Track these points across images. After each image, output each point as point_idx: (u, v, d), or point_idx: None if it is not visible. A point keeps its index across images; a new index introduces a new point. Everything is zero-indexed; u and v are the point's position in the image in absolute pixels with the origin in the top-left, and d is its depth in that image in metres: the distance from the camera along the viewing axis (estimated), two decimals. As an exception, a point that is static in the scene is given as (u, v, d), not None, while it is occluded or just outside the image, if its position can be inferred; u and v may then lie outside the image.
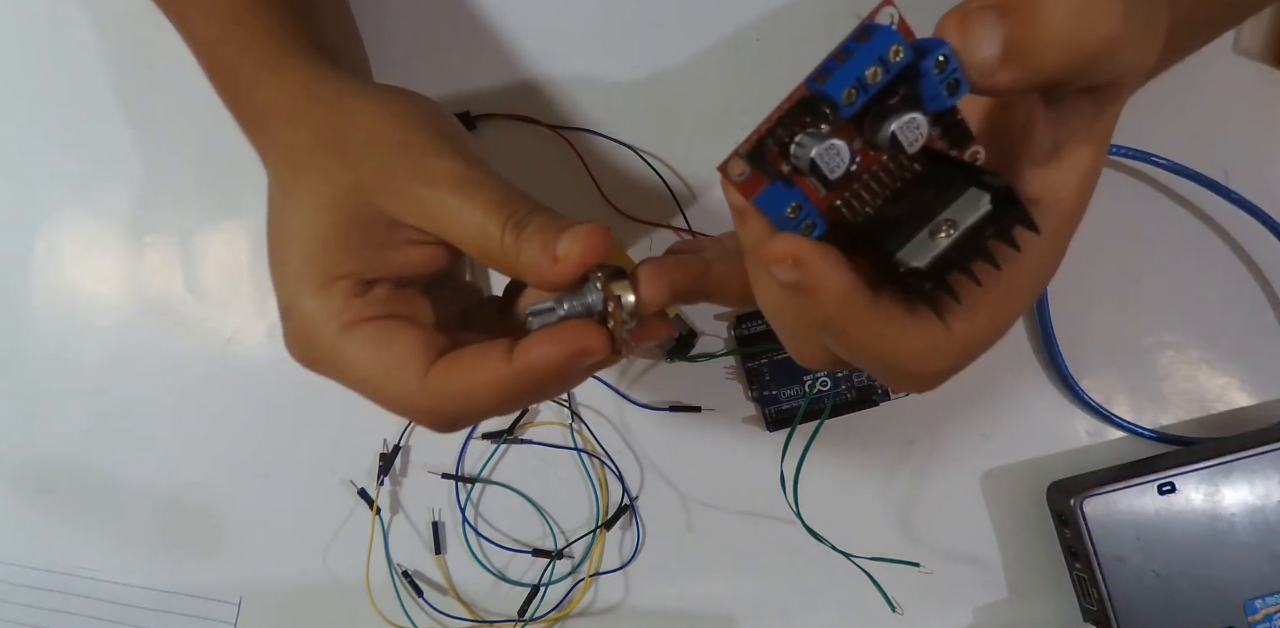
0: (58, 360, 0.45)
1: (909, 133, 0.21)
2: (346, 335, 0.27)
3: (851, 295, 0.22)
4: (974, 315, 0.24)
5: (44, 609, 0.45)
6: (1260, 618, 0.41)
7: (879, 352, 0.24)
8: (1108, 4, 0.20)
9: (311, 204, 0.28)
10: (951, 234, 0.22)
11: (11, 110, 0.46)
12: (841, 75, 0.20)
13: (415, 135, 0.29)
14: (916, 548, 0.45)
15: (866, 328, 0.23)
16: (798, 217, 0.22)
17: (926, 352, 0.24)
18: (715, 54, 0.46)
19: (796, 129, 0.22)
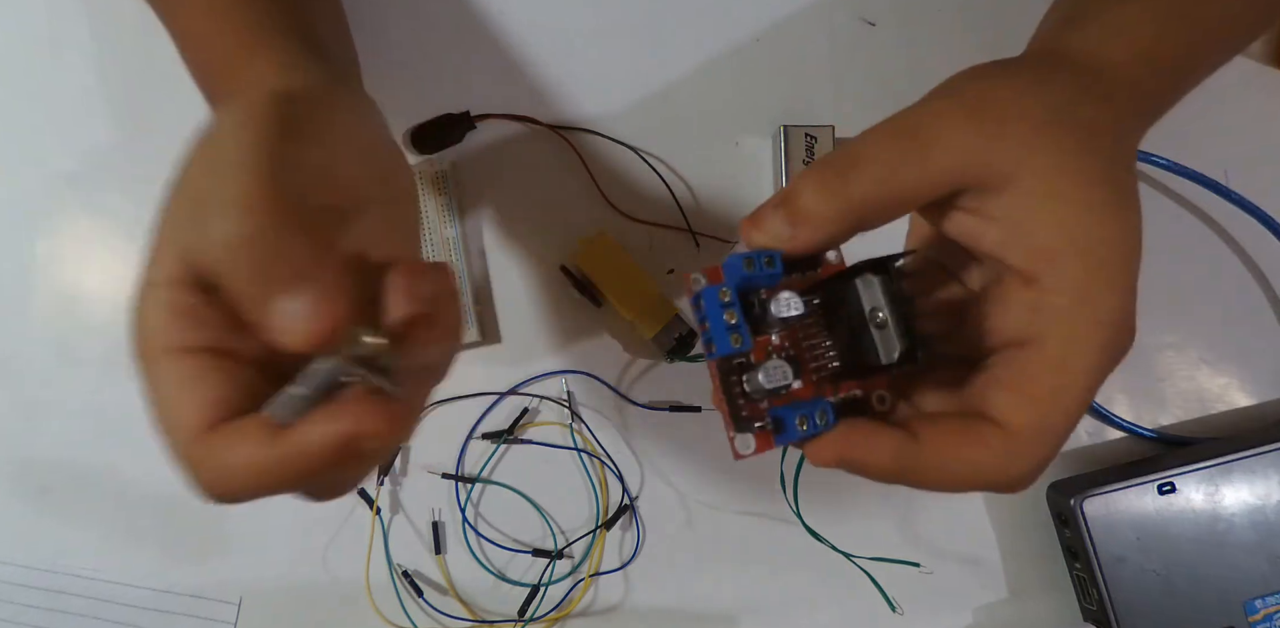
0: (58, 360, 0.45)
1: (781, 305, 0.25)
2: (164, 359, 0.24)
3: (898, 453, 0.24)
4: (1024, 404, 0.25)
5: (44, 609, 0.45)
6: (1260, 618, 0.41)
7: (958, 482, 0.25)
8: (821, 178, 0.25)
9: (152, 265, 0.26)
10: (883, 315, 0.25)
11: (12, 110, 0.46)
12: (718, 337, 0.25)
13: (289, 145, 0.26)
14: (916, 548, 0.45)
15: (930, 470, 0.25)
16: (809, 422, 0.25)
17: (996, 459, 0.25)
18: (715, 54, 0.46)
19: (740, 387, 0.26)
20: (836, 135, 0.44)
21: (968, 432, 0.25)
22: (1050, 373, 0.25)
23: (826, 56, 0.46)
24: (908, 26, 0.46)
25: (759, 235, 0.25)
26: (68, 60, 0.46)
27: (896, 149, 0.25)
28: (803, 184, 0.25)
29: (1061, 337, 0.25)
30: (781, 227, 0.25)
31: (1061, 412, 0.25)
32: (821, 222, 0.25)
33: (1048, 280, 0.25)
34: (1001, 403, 0.25)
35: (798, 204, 0.25)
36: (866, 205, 0.25)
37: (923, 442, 0.25)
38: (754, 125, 0.46)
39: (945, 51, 0.46)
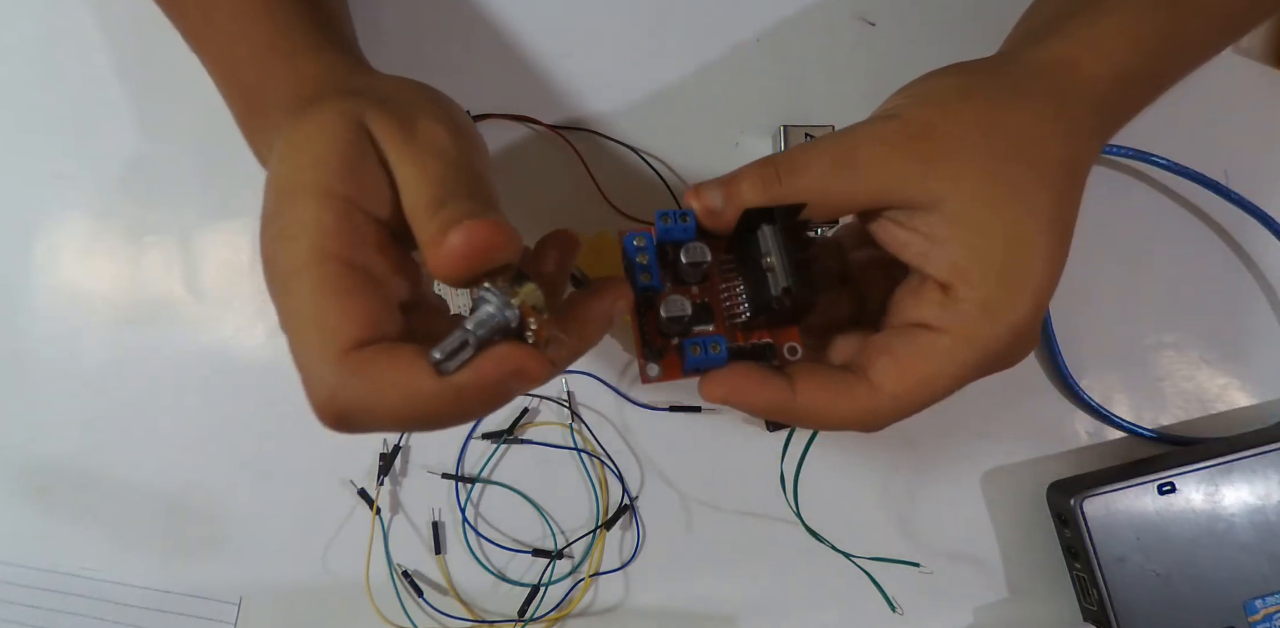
0: (58, 360, 0.45)
1: (690, 253, 0.30)
2: (312, 264, 0.24)
3: (775, 400, 0.28)
4: (902, 376, 0.28)
5: (44, 609, 0.45)
6: (1260, 618, 0.41)
7: (819, 423, 0.29)
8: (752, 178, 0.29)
9: (325, 119, 0.27)
10: (769, 260, 0.29)
11: (12, 111, 0.46)
12: (634, 276, 0.30)
13: (431, 102, 0.30)
14: (916, 548, 0.45)
15: (806, 414, 0.29)
16: (702, 349, 0.29)
17: (856, 411, 0.28)
18: (715, 54, 0.46)
19: (650, 327, 0.30)
20: (836, 135, 0.44)
21: (839, 386, 0.29)
22: (936, 359, 0.28)
23: (826, 56, 0.46)
24: (908, 26, 0.46)
25: (694, 202, 0.29)
26: (68, 60, 0.46)
27: (832, 167, 0.28)
28: (746, 173, 0.29)
29: (959, 335, 0.28)
30: (714, 199, 0.29)
31: (928, 391, 0.28)
32: (746, 207, 0.29)
33: (960, 291, 0.28)
34: (881, 367, 0.28)
35: (735, 189, 0.29)
36: (785, 201, 0.29)
37: (799, 389, 0.29)
38: (754, 125, 0.46)
39: (945, 51, 0.46)
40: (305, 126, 0.27)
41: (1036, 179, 0.28)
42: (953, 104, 0.29)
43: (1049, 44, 0.31)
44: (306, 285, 0.24)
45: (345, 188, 0.25)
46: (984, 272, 0.28)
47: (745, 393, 0.29)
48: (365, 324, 0.24)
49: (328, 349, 0.23)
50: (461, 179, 0.26)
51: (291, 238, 0.25)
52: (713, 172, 0.46)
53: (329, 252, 0.24)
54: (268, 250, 0.25)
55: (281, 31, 0.33)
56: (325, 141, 0.26)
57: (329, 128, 0.26)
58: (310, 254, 0.24)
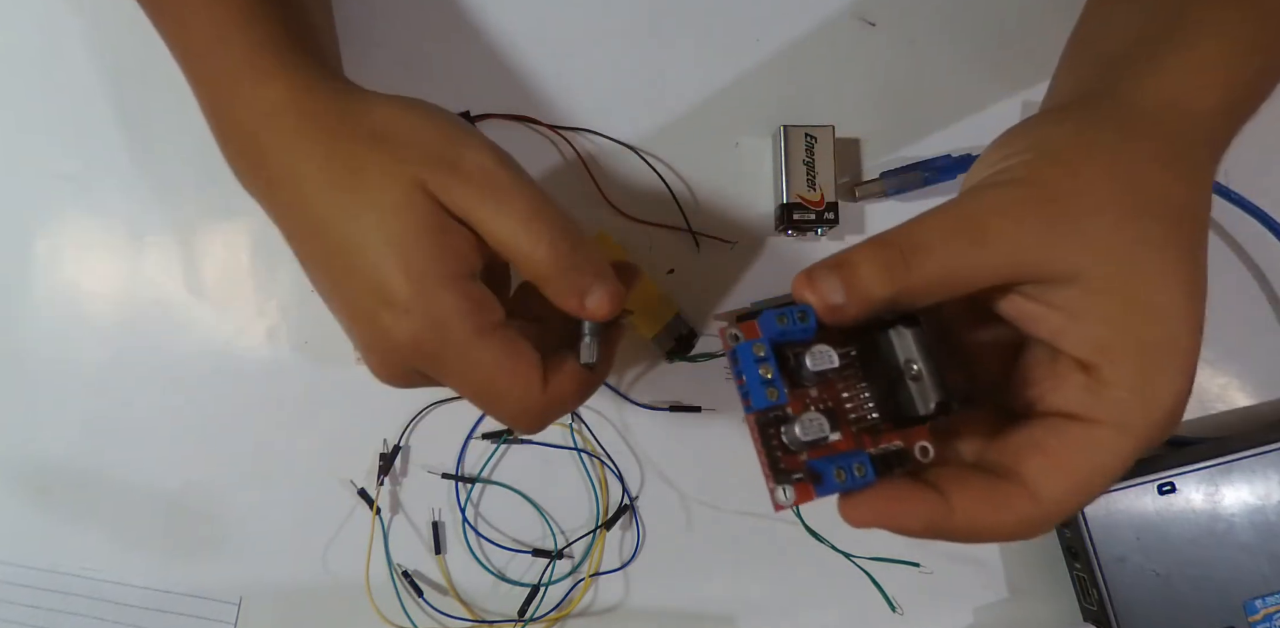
0: (58, 360, 0.45)
1: (816, 359, 0.26)
2: (481, 340, 0.29)
3: (933, 519, 0.25)
4: (1060, 476, 0.25)
5: (44, 609, 0.45)
6: (1260, 618, 0.41)
7: (979, 538, 0.26)
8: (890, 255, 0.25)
9: (386, 202, 0.29)
10: (917, 367, 0.26)
11: (12, 111, 0.46)
12: (754, 392, 0.26)
13: (451, 130, 0.30)
14: (916, 548, 0.45)
15: (961, 532, 0.26)
16: (846, 475, 0.26)
17: (1019, 524, 0.25)
18: (715, 54, 0.46)
19: (778, 439, 0.27)
20: (836, 135, 0.44)
21: (996, 496, 0.25)
22: (1095, 454, 0.25)
23: (826, 56, 0.46)
24: (908, 26, 0.46)
25: (811, 296, 0.25)
26: (67, 60, 0.46)
27: (959, 240, 0.25)
28: (863, 258, 0.25)
29: (1115, 424, 0.25)
30: (834, 294, 0.25)
31: (1090, 490, 0.25)
32: (874, 300, 0.25)
33: (1107, 373, 0.25)
34: (1037, 470, 0.25)
35: (856, 277, 0.25)
36: (921, 292, 0.25)
37: (954, 506, 0.25)
38: (754, 125, 0.46)
39: (945, 51, 0.47)
40: (372, 217, 0.29)
41: (1167, 234, 0.26)
42: (1078, 161, 0.26)
43: (1149, 79, 0.29)
44: (487, 358, 0.29)
45: (456, 266, 0.29)
46: (1131, 349, 0.25)
47: (898, 515, 0.26)
48: (536, 365, 0.30)
49: (535, 393, 0.30)
50: (546, 204, 0.30)
51: (447, 327, 0.29)
52: (713, 172, 0.46)
53: (485, 326, 0.29)
54: (427, 340, 0.29)
55: (257, 43, 0.32)
56: (412, 230, 0.29)
57: (406, 214, 0.29)
58: (474, 334, 0.29)
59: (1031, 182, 0.26)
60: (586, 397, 0.33)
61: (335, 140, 0.30)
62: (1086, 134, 0.27)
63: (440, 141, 0.30)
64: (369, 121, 0.30)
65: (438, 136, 0.30)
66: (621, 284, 0.31)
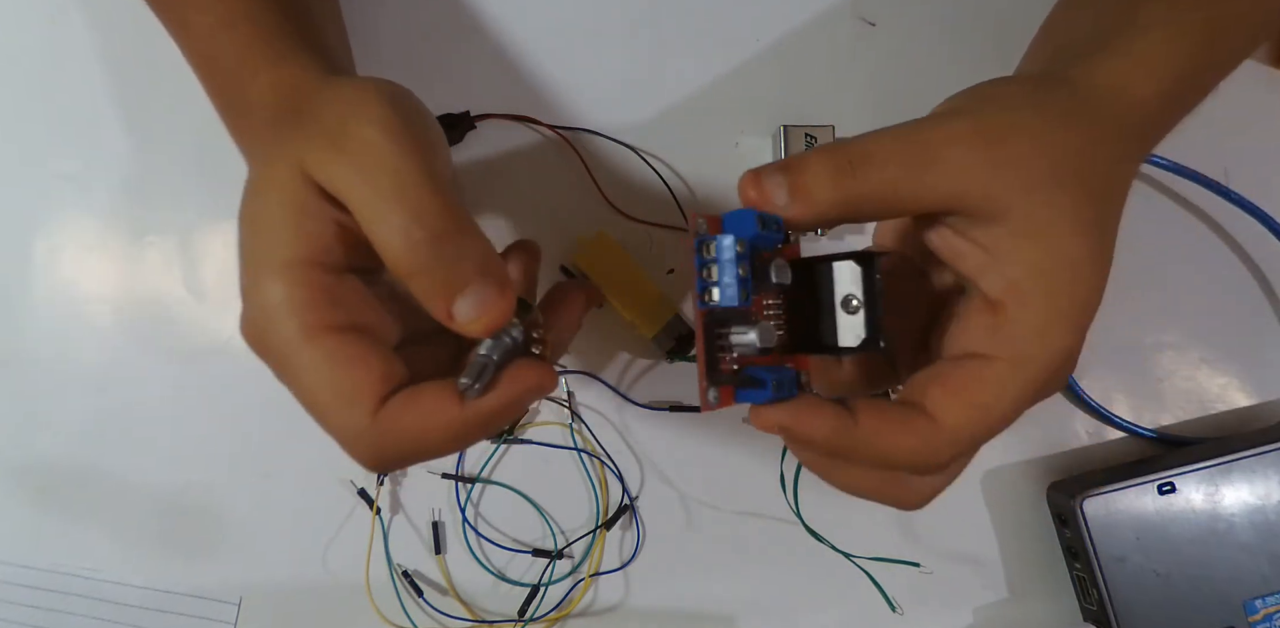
0: (58, 360, 0.45)
1: (778, 272, 0.27)
2: (307, 341, 0.25)
3: (836, 429, 0.26)
4: (960, 407, 0.27)
5: (44, 609, 0.45)
6: (1260, 618, 0.41)
7: (881, 458, 0.27)
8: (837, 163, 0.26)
9: (263, 181, 0.26)
10: (856, 303, 0.27)
11: (12, 111, 0.46)
12: (724, 288, 0.25)
13: (360, 104, 0.27)
14: (916, 548, 0.45)
15: (867, 446, 0.27)
16: (782, 387, 0.27)
17: (919, 448, 0.27)
18: (715, 54, 0.46)
19: (723, 341, 0.26)
20: (836, 135, 0.44)
21: (902, 420, 0.27)
22: (992, 387, 0.26)
23: (826, 56, 0.46)
24: (908, 26, 0.46)
25: (755, 194, 0.26)
26: (68, 59, 0.46)
27: (908, 158, 0.26)
28: (811, 162, 0.26)
29: (1011, 361, 0.26)
30: (779, 193, 0.26)
31: (987, 422, 0.27)
32: (819, 204, 0.26)
33: (1012, 312, 0.27)
34: (940, 401, 0.27)
35: (803, 179, 0.26)
36: (865, 202, 0.26)
37: (860, 422, 0.26)
38: (754, 125, 0.46)
39: (945, 51, 0.47)
40: (252, 200, 0.27)
41: (1090, 203, 0.27)
42: (1025, 114, 0.27)
43: (1098, 63, 0.30)
44: (308, 362, 0.25)
45: (307, 253, 0.25)
46: (1040, 292, 0.26)
47: (805, 422, 0.26)
48: (379, 380, 0.26)
49: (357, 416, 0.25)
50: (410, 192, 0.25)
51: (271, 320, 0.25)
52: (713, 172, 0.46)
53: (315, 326, 0.25)
54: (252, 332, 0.26)
55: (261, 37, 0.32)
56: (273, 211, 0.26)
57: (273, 194, 0.26)
58: (299, 333, 0.25)
59: (982, 121, 0.27)
60: (458, 438, 0.26)
61: (278, 126, 0.28)
62: (1039, 98, 0.29)
63: (338, 116, 0.26)
64: (321, 102, 0.28)
65: (341, 110, 0.27)
66: (510, 291, 0.26)
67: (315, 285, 0.25)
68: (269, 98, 0.30)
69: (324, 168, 0.25)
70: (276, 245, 0.25)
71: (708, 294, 0.25)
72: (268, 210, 0.26)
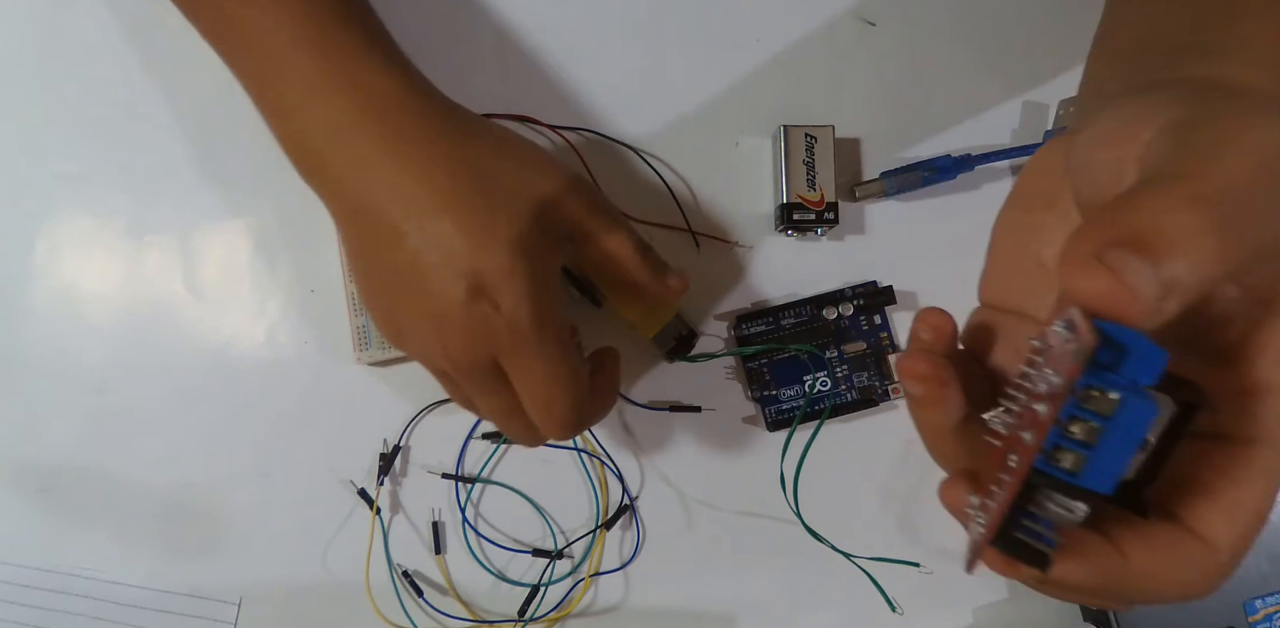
0: (58, 360, 0.45)
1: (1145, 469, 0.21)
2: (561, 344, 0.33)
3: (1106, 572, 0.22)
4: (1234, 520, 0.22)
5: (44, 609, 0.45)
6: (1260, 618, 0.41)
7: (1154, 597, 0.23)
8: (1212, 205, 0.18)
9: (515, 208, 0.32)
10: (1150, 444, 0.20)
11: (12, 110, 0.46)
12: (1110, 463, 0.18)
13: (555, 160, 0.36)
14: (916, 548, 0.45)
15: (1133, 589, 0.22)
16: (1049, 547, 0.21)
17: (1198, 578, 0.22)
18: (715, 54, 0.46)
19: (1036, 503, 0.20)
20: (836, 135, 0.44)
21: (1175, 550, 0.22)
22: (1260, 481, 0.22)
23: (826, 56, 0.46)
24: (908, 26, 0.46)
25: (1111, 289, 0.17)
26: (67, 59, 0.46)
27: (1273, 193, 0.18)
28: (1179, 226, 0.17)
29: (1274, 445, 0.21)
30: (1150, 286, 0.17)
31: (1260, 527, 0.22)
32: (1197, 291, 0.17)
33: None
34: (1206, 516, 0.22)
35: (1176, 257, 0.17)
36: (1236, 268, 0.18)
37: (1131, 560, 0.22)
38: (754, 125, 0.46)
39: (945, 51, 0.47)
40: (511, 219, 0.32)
41: None
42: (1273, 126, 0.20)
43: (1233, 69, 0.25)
44: (560, 354, 0.33)
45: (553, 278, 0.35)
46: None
47: (1069, 572, 0.21)
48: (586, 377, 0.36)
49: (584, 393, 0.34)
50: (625, 221, 0.38)
51: (545, 317, 0.32)
52: (713, 172, 0.46)
53: (565, 332, 0.34)
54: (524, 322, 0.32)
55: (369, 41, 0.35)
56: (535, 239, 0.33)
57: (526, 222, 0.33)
58: (559, 335, 0.33)
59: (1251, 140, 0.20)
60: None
61: (454, 144, 0.33)
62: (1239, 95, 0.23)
63: (554, 165, 0.35)
64: (481, 129, 0.35)
65: (551, 162, 0.35)
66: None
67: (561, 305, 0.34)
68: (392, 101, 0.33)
69: (565, 207, 0.34)
70: (543, 268, 0.33)
71: (1068, 460, 0.18)
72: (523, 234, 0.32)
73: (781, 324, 0.45)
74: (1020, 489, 0.19)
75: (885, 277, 0.45)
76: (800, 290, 0.45)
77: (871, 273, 0.45)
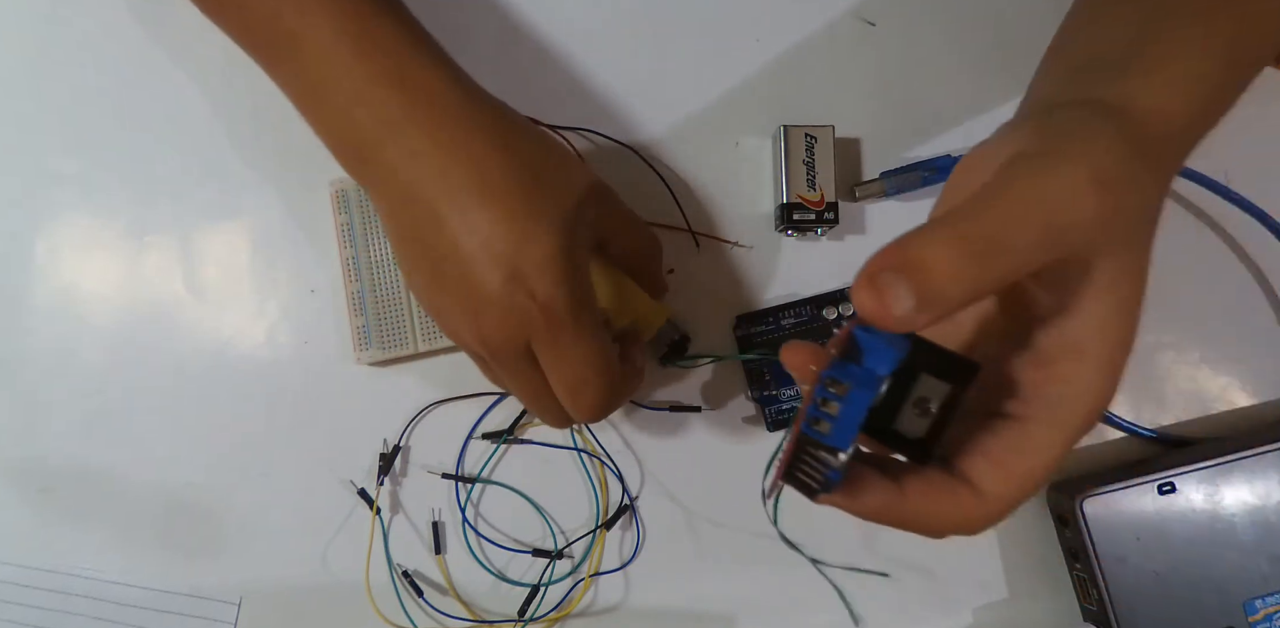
0: (58, 360, 0.45)
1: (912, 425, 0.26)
2: (596, 327, 0.34)
3: (885, 504, 0.27)
4: (1001, 478, 0.26)
5: (44, 609, 0.45)
6: (1260, 618, 0.41)
7: (925, 531, 0.28)
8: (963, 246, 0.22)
9: (563, 201, 0.33)
10: (931, 409, 0.25)
11: (11, 110, 0.46)
12: (842, 431, 0.25)
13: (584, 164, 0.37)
14: (916, 548, 0.45)
15: (914, 519, 0.27)
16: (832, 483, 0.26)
17: (964, 516, 0.27)
18: (715, 54, 0.46)
19: (807, 455, 0.26)
20: (836, 135, 0.44)
21: (947, 492, 0.27)
22: (1031, 455, 0.26)
23: (826, 56, 0.46)
24: (908, 26, 0.46)
25: (873, 304, 0.22)
26: (68, 60, 0.46)
27: (1040, 228, 0.23)
28: (935, 258, 0.22)
29: (1053, 424, 0.26)
30: (905, 302, 0.22)
31: (1031, 488, 0.27)
32: (949, 307, 0.22)
33: (1063, 369, 0.26)
34: (981, 471, 0.27)
35: (930, 281, 0.22)
36: (991, 290, 0.23)
37: (907, 496, 0.27)
38: (754, 125, 0.46)
39: (945, 51, 0.47)
40: (562, 208, 0.33)
41: (1147, 235, 0.26)
42: (1123, 156, 0.25)
43: (1137, 86, 0.28)
44: (596, 335, 0.34)
45: (586, 273, 0.35)
46: (1098, 346, 0.25)
47: (856, 502, 0.27)
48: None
49: (616, 369, 0.35)
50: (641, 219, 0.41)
51: (582, 302, 0.33)
52: (713, 172, 0.46)
53: (597, 317, 0.34)
54: (560, 304, 0.32)
55: (416, 37, 0.35)
56: (579, 229, 0.34)
57: (574, 216, 0.33)
58: (594, 319, 0.34)
59: (1095, 169, 0.24)
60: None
61: (501, 136, 0.34)
62: (1120, 130, 0.26)
63: (586, 164, 0.38)
64: (523, 124, 0.35)
65: (582, 161, 0.39)
66: None
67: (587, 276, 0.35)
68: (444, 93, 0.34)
69: (601, 199, 0.36)
70: (582, 256, 0.34)
71: (821, 425, 0.25)
72: (567, 224, 0.33)
73: (781, 324, 0.45)
74: (795, 445, 0.26)
75: (885, 277, 0.45)
76: (800, 290, 0.45)
77: (871, 273, 0.45)
